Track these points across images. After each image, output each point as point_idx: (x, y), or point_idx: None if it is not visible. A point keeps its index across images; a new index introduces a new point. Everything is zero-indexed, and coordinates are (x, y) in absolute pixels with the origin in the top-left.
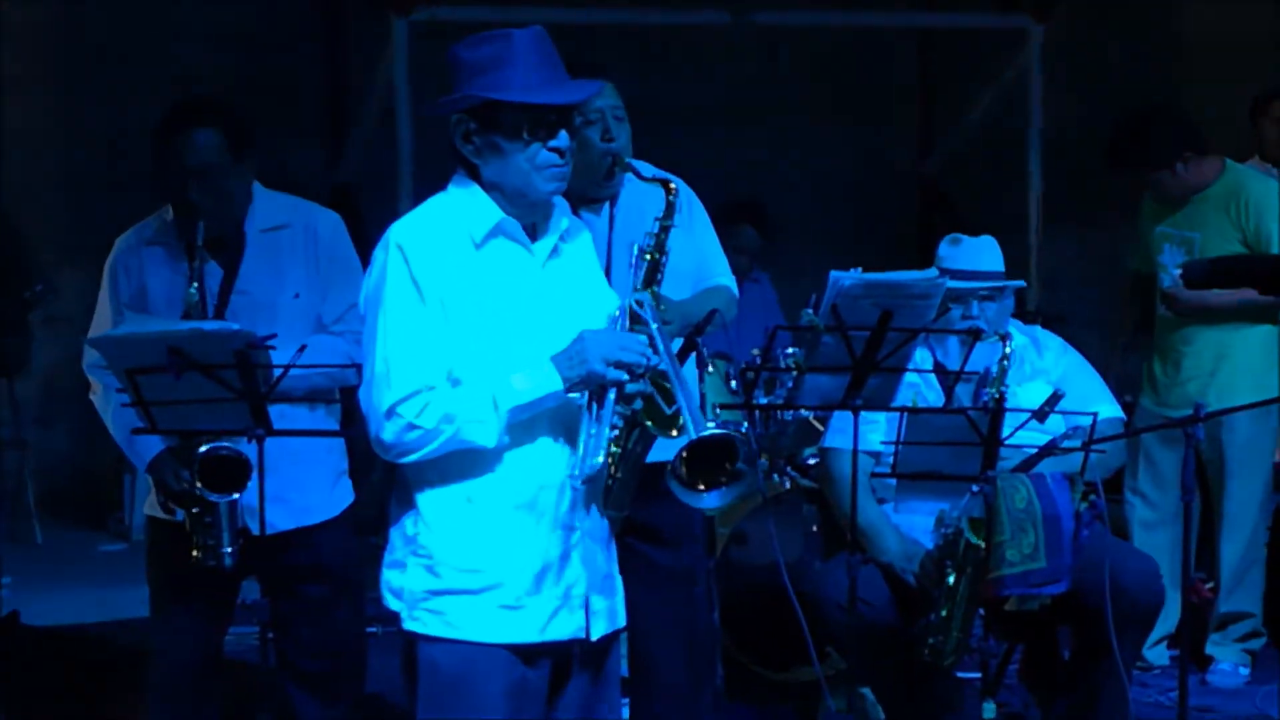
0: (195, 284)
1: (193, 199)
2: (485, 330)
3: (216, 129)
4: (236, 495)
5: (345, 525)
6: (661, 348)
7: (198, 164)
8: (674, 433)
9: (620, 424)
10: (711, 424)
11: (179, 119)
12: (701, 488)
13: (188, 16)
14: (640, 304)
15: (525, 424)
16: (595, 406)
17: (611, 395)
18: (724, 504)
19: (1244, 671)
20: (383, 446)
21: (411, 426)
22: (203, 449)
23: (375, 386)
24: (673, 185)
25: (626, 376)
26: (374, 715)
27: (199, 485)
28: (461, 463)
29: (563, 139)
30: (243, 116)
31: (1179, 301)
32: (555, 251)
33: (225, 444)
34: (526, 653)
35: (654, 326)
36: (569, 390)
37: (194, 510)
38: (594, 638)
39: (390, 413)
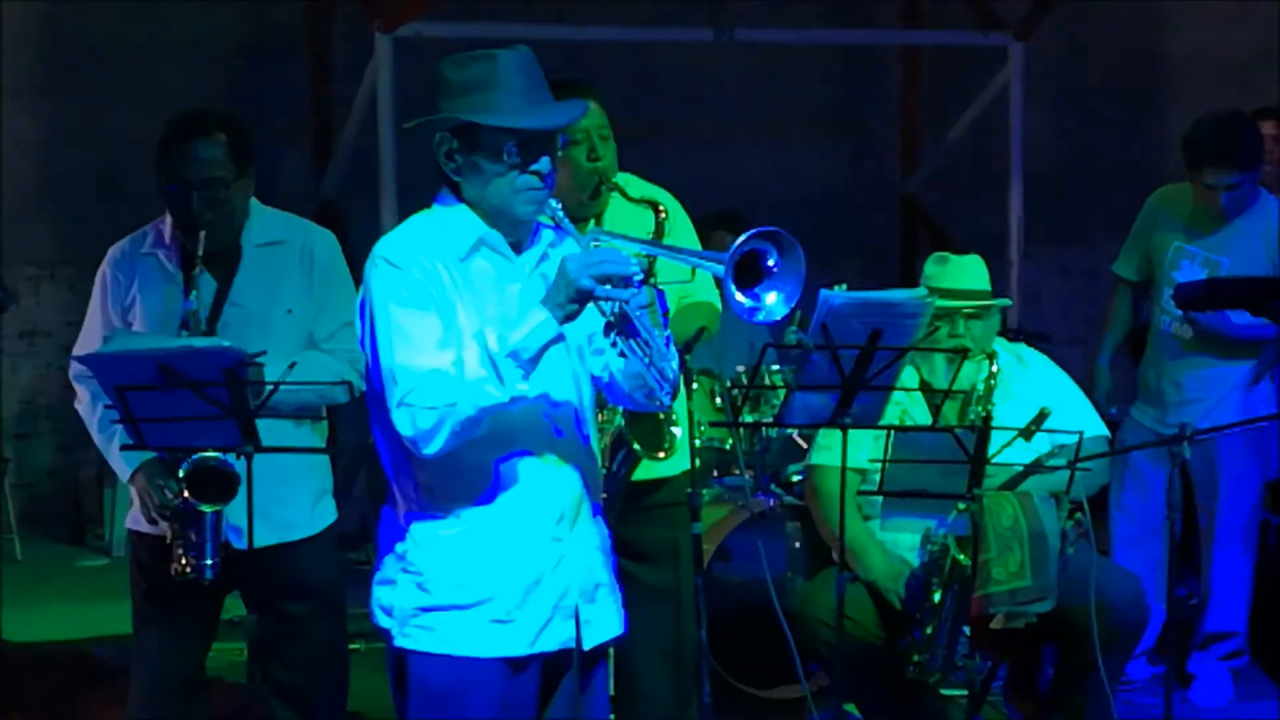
0: (195, 294)
1: (195, 210)
2: (475, 338)
3: (221, 141)
4: (223, 506)
5: (327, 542)
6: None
7: (202, 175)
8: (661, 455)
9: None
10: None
11: (184, 130)
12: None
13: (173, 29)
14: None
15: (507, 438)
16: (623, 335)
17: (634, 312)
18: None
19: (1227, 689)
20: (410, 442)
21: (425, 409)
22: (189, 460)
23: (386, 391)
24: (662, 207)
25: (617, 291)
26: None
27: (186, 495)
28: (448, 479)
29: (543, 163)
30: (245, 130)
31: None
32: (544, 258)
33: (212, 455)
34: (517, 664)
35: (616, 243)
36: (565, 319)
37: (175, 523)
38: (586, 647)
39: (400, 404)
